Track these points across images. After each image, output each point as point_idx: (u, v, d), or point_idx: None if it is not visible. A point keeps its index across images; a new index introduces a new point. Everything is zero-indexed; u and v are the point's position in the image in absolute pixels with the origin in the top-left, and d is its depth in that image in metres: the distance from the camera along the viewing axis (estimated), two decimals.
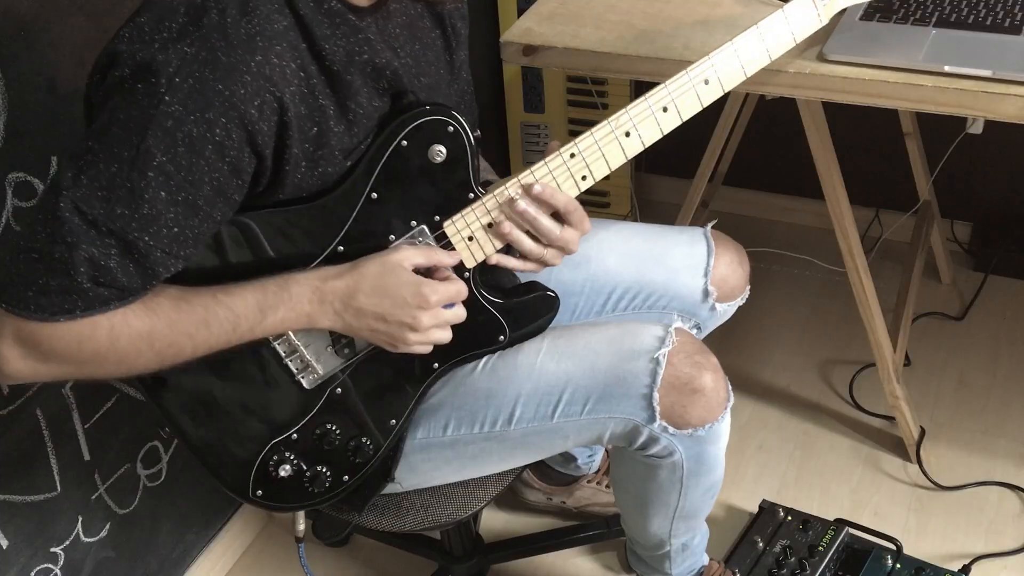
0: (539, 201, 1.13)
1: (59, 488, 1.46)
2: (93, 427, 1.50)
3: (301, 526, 1.39)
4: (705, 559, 1.53)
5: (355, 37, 1.04)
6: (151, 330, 1.01)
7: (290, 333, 1.13)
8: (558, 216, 1.15)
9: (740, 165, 2.38)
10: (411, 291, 1.08)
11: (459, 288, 1.12)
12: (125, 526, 1.60)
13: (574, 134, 1.26)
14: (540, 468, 1.83)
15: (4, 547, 1.39)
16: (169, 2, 0.96)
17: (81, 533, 1.52)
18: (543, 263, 1.17)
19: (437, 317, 1.10)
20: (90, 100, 1.00)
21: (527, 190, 1.12)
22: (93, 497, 1.53)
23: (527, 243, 1.14)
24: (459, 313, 1.14)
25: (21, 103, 1.25)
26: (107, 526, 1.57)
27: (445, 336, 1.13)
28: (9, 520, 1.39)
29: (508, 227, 1.13)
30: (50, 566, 1.47)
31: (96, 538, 1.55)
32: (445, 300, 1.10)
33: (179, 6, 0.96)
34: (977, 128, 2.15)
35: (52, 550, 1.47)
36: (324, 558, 1.85)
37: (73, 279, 0.94)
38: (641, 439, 1.22)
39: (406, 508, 1.34)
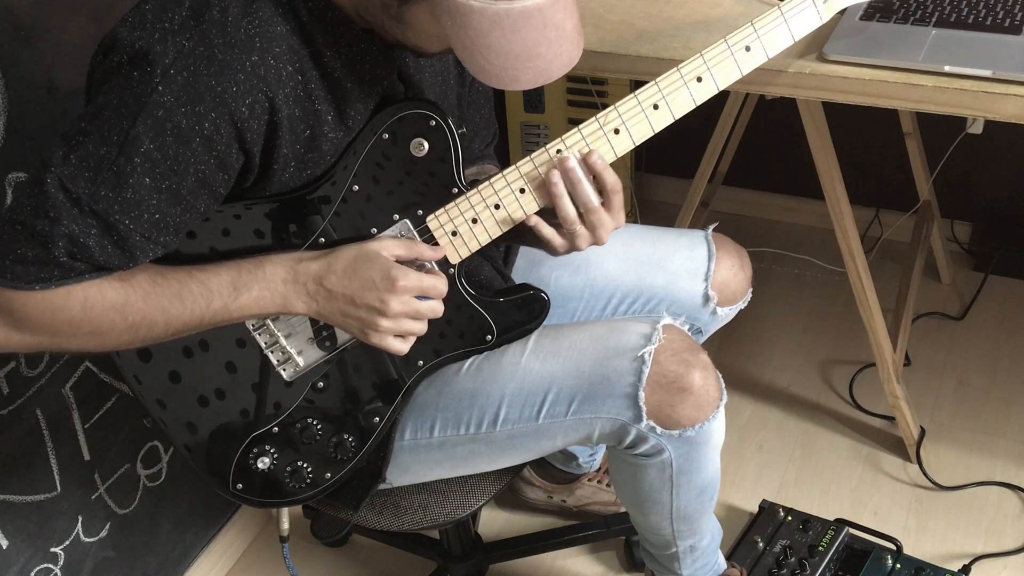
0: (589, 169, 1.10)
1: (59, 488, 1.46)
2: (93, 427, 1.50)
3: (285, 525, 1.39)
4: (722, 564, 1.50)
5: (357, 47, 1.04)
6: (125, 302, 1.02)
7: (270, 323, 1.13)
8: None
9: (740, 165, 2.39)
10: (380, 274, 1.07)
11: (435, 282, 1.10)
12: (125, 526, 1.61)
13: None
14: (541, 466, 1.83)
15: (4, 547, 1.39)
16: None
17: (81, 533, 1.52)
18: (572, 241, 1.14)
19: (408, 305, 1.08)
20: (91, 78, 1.01)
21: (585, 156, 1.10)
22: (93, 497, 1.53)
23: (567, 204, 1.10)
24: (435, 307, 1.11)
25: (21, 103, 1.25)
26: (107, 526, 1.57)
27: (418, 328, 1.11)
28: (9, 520, 1.39)
29: (556, 177, 1.10)
30: (50, 566, 1.47)
31: (96, 538, 1.55)
32: (416, 288, 1.08)
33: None
34: (977, 128, 2.16)
35: (52, 550, 1.47)
36: (323, 557, 1.86)
37: (50, 252, 0.96)
38: (630, 438, 1.21)
39: (404, 507, 1.34)
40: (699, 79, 1.11)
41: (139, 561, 1.65)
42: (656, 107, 1.11)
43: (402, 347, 1.11)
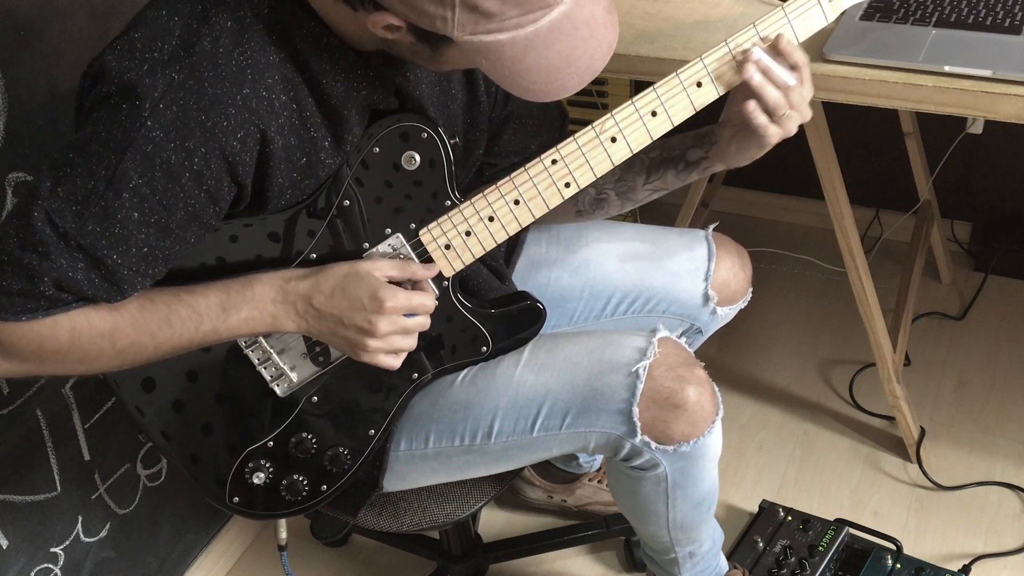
0: (779, 51, 1.08)
1: (59, 488, 1.46)
2: (93, 427, 1.50)
3: (283, 534, 1.39)
4: (724, 566, 1.49)
5: (354, 73, 1.02)
6: (113, 328, 1.01)
7: (262, 340, 1.13)
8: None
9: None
10: (368, 294, 1.06)
11: (423, 300, 1.09)
12: (125, 526, 1.61)
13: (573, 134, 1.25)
14: (542, 465, 1.83)
15: (4, 547, 1.39)
16: (164, 22, 0.96)
17: (81, 533, 1.52)
18: (785, 124, 1.10)
19: (396, 324, 1.07)
20: (80, 104, 0.99)
21: (773, 42, 1.08)
22: (93, 497, 1.53)
23: (770, 90, 1.07)
24: (423, 323, 1.11)
25: (21, 103, 1.25)
26: (107, 526, 1.57)
27: (408, 344, 1.11)
28: (9, 520, 1.39)
29: (751, 70, 1.07)
30: (50, 566, 1.47)
31: (96, 538, 1.55)
32: (404, 307, 1.07)
33: (174, 28, 0.95)
34: (977, 128, 2.16)
35: (52, 550, 1.47)
36: (323, 557, 1.85)
37: (36, 286, 0.95)
38: (624, 451, 1.20)
39: (404, 508, 1.34)
40: (699, 84, 1.10)
41: (139, 561, 1.65)
42: (655, 114, 1.10)
43: (394, 362, 1.11)
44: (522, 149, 1.28)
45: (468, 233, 1.13)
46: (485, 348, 1.21)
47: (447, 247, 1.13)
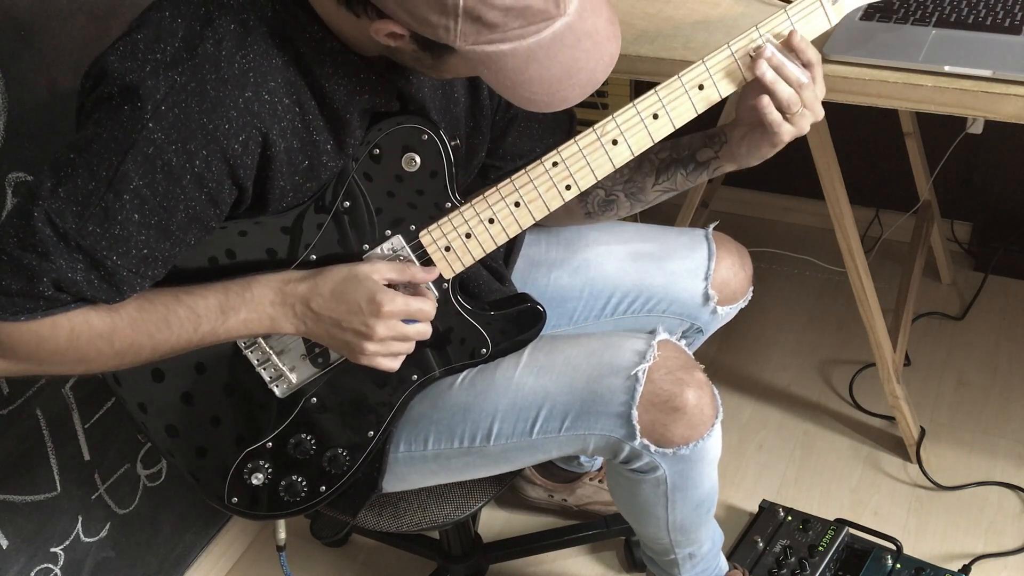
0: (792, 48, 1.07)
1: (59, 488, 1.46)
2: (93, 427, 1.50)
3: (282, 535, 1.39)
4: (724, 567, 1.49)
5: (357, 77, 1.02)
6: (112, 329, 1.01)
7: (262, 341, 1.13)
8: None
9: None
10: (366, 297, 1.06)
11: (422, 305, 1.09)
12: (125, 526, 1.61)
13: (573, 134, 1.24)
14: (543, 464, 1.82)
15: (4, 547, 1.39)
16: (168, 23, 0.96)
17: (81, 533, 1.52)
18: (799, 123, 1.09)
19: (394, 329, 1.07)
20: (81, 104, 0.99)
21: (787, 39, 1.07)
22: (93, 497, 1.53)
23: (783, 87, 1.07)
24: (421, 330, 1.10)
25: (21, 103, 1.25)
26: (107, 526, 1.57)
27: (406, 348, 1.11)
28: (9, 520, 1.39)
29: (763, 67, 1.06)
30: (50, 566, 1.47)
31: (96, 538, 1.55)
32: (402, 312, 1.07)
33: (177, 29, 0.95)
34: (977, 128, 2.16)
35: (52, 550, 1.47)
36: (323, 557, 1.85)
37: (35, 286, 0.95)
38: (624, 454, 1.20)
39: (404, 508, 1.34)
40: (701, 87, 1.09)
41: (139, 561, 1.65)
42: (656, 116, 1.10)
43: (392, 365, 1.11)
44: (527, 152, 1.27)
45: (468, 235, 1.13)
46: (485, 350, 1.21)
47: (447, 249, 1.13)
